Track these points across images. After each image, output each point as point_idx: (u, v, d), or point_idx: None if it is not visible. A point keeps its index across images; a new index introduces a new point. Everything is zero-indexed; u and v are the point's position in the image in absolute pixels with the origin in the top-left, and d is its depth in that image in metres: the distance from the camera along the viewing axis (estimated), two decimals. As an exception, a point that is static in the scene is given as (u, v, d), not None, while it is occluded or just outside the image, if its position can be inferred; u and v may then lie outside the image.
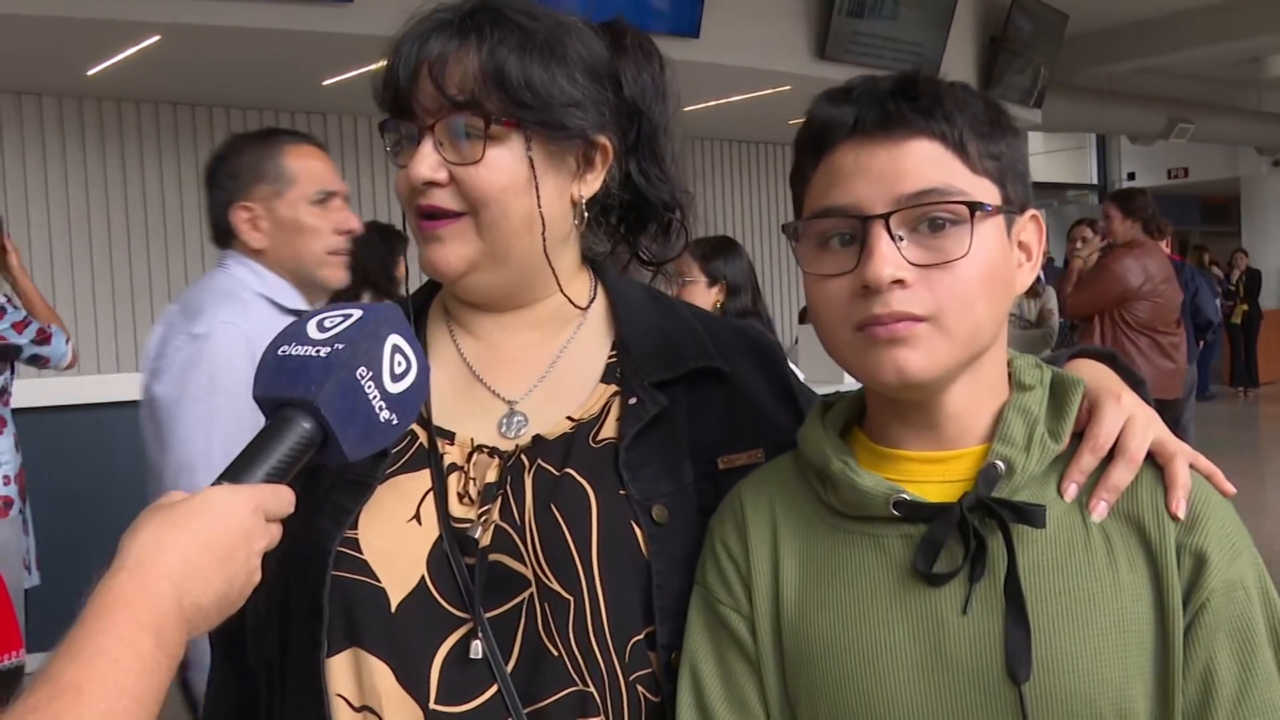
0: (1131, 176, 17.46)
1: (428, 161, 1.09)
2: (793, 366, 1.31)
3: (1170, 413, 5.19)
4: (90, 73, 6.64)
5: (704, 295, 3.65)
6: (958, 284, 0.96)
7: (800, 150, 1.04)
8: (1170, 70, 12.33)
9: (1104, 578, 0.96)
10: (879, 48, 8.22)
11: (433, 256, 1.12)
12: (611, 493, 1.09)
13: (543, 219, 1.12)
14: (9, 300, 3.88)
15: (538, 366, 1.18)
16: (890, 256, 0.95)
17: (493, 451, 1.13)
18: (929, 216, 0.96)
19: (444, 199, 1.10)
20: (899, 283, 0.95)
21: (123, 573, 0.81)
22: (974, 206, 0.96)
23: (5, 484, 3.88)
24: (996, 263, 0.98)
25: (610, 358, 1.18)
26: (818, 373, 6.94)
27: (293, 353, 0.95)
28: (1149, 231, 5.65)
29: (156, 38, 5.84)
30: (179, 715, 2.12)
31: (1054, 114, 10.82)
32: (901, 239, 0.96)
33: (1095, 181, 18.58)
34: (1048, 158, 18.32)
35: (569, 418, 1.14)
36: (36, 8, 5.15)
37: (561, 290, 1.18)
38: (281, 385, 0.94)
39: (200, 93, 7.62)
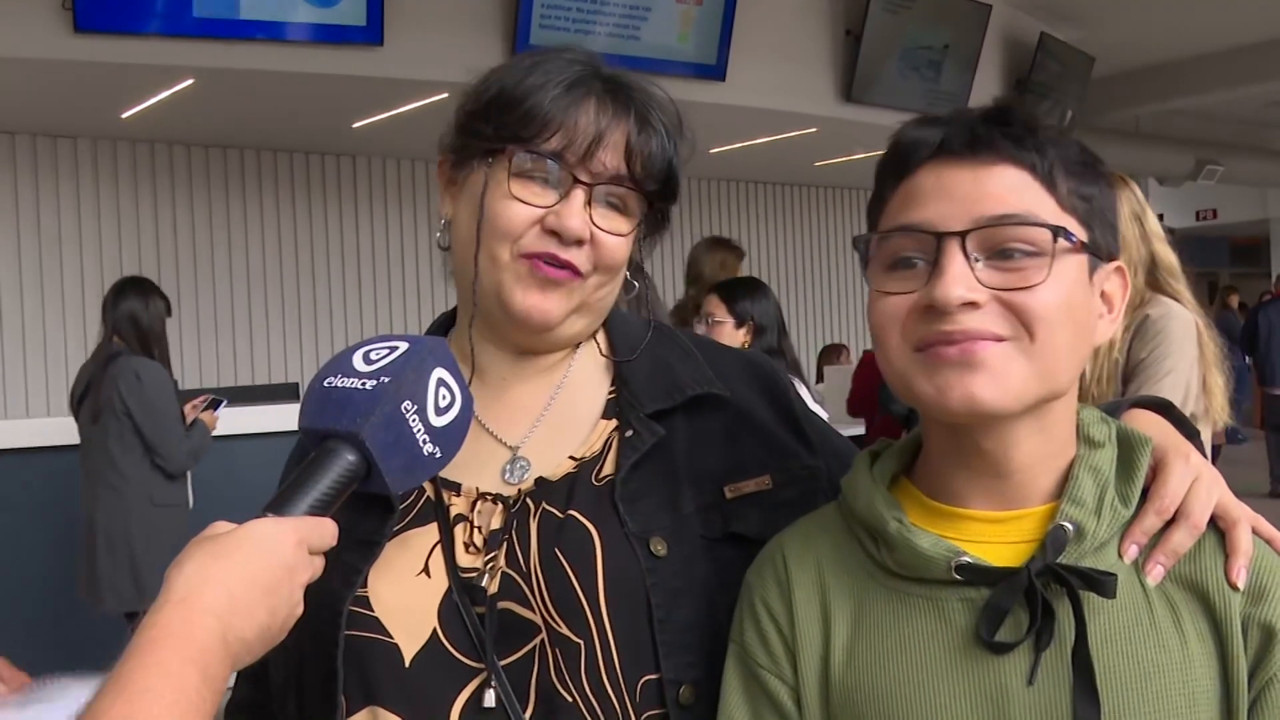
0: (1160, 218, 17.37)
1: (581, 217, 1.08)
2: (813, 403, 1.30)
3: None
4: (125, 115, 6.73)
5: (731, 336, 3.64)
6: (1039, 307, 0.90)
7: (881, 175, 1.00)
8: (1198, 112, 12.29)
9: (1172, 649, 0.92)
10: (905, 90, 8.24)
11: (540, 304, 1.10)
12: (615, 531, 1.08)
13: (627, 280, 1.17)
14: None
15: (536, 405, 1.17)
16: (963, 276, 0.90)
17: (496, 498, 1.12)
18: (1007, 243, 0.91)
19: (580, 259, 1.10)
20: (971, 304, 0.90)
21: (168, 607, 0.82)
22: (1057, 231, 0.91)
23: None
24: (1077, 300, 0.93)
25: (610, 393, 1.18)
26: (842, 414, 6.87)
27: (339, 385, 0.95)
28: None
29: (190, 81, 5.92)
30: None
31: (1081, 155, 10.79)
32: (978, 260, 0.91)
33: (1123, 223, 18.50)
34: (1075, 199, 18.23)
35: (571, 457, 1.13)
36: (73, 52, 5.23)
37: (596, 341, 1.20)
38: (327, 417, 0.94)
39: (232, 135, 7.70)
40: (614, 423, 1.15)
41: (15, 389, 7.25)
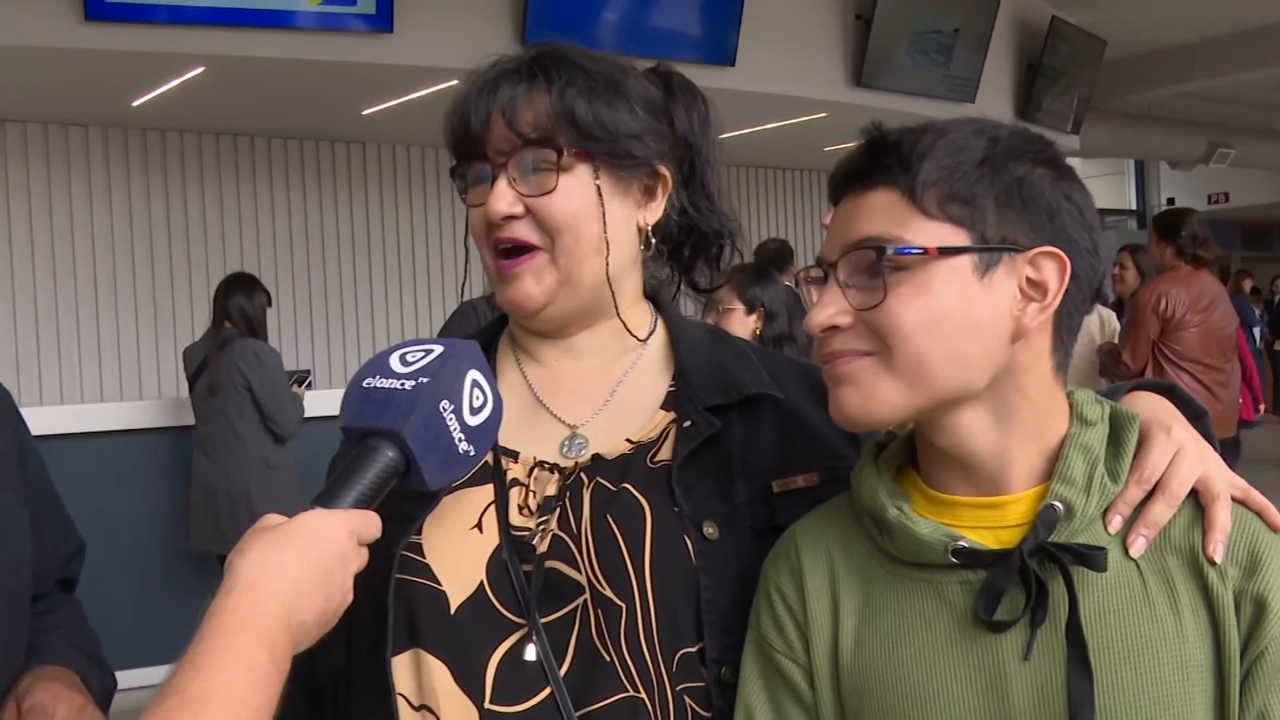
0: (1171, 201, 17.30)
1: (505, 197, 1.14)
2: None
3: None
4: (135, 104, 6.74)
5: (742, 323, 3.65)
6: (888, 323, 0.96)
7: None
8: (1210, 95, 12.23)
9: (1167, 623, 0.94)
10: (916, 75, 8.21)
11: (514, 295, 1.17)
12: (665, 508, 1.13)
13: (608, 243, 1.17)
14: None
15: (600, 393, 1.23)
16: (830, 302, 0.99)
17: (553, 468, 1.18)
18: (870, 263, 0.97)
19: (522, 231, 1.15)
20: (835, 328, 0.99)
21: (235, 592, 0.87)
22: (881, 250, 0.96)
23: None
24: (948, 305, 0.96)
25: (670, 388, 1.23)
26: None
27: (378, 385, 1.00)
28: (1183, 257, 5.24)
29: (200, 69, 5.93)
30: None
31: (1092, 140, 10.76)
32: (849, 286, 0.98)
33: (1134, 207, 18.45)
34: (1086, 183, 18.21)
35: (628, 440, 1.19)
36: (83, 41, 5.24)
37: (618, 313, 1.22)
38: (368, 416, 0.99)
39: (242, 123, 7.71)
40: (672, 414, 1.20)
41: (28, 374, 7.28)
